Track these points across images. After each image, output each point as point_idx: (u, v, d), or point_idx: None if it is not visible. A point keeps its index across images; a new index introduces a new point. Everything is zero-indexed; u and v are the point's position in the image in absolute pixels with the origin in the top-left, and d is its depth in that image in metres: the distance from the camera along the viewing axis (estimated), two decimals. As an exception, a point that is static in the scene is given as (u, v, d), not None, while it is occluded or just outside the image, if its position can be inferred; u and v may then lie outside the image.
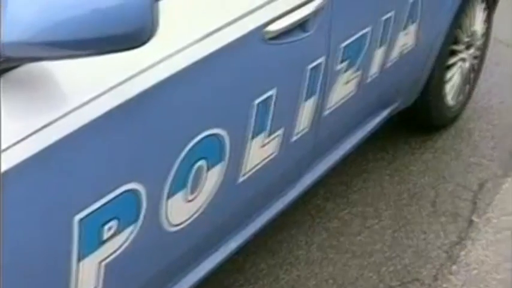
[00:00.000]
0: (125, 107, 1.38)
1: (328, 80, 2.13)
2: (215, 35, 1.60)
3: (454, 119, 3.34)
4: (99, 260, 1.45)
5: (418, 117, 3.15)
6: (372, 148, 3.07)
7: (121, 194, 1.44)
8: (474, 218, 2.79)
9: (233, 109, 1.73)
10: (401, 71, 2.68)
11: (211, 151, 1.69)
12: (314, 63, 2.01)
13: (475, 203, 2.88)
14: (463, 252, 2.61)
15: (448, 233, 2.70)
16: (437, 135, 3.27)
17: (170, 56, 1.49)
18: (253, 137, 1.83)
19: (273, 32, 1.78)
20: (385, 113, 2.78)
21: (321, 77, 2.07)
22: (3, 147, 1.19)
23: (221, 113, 1.69)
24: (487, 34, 3.37)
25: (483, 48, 3.38)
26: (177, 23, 1.54)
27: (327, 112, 2.20)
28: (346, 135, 2.54)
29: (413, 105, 2.99)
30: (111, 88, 1.36)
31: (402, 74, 2.71)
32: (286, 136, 2.00)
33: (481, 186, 2.97)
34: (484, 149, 3.23)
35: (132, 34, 1.18)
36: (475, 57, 3.31)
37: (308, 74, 1.99)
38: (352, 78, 2.28)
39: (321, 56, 2.03)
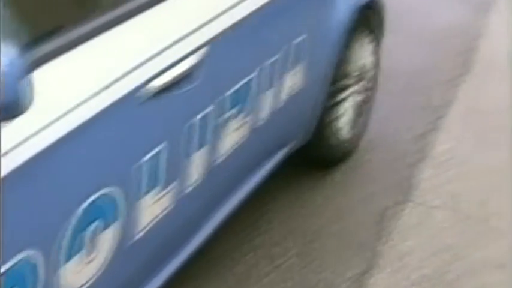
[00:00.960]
0: (13, 175, 1.43)
1: (218, 129, 2.22)
2: (96, 98, 1.67)
3: (352, 151, 3.50)
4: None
5: (316, 154, 3.29)
6: (275, 187, 3.18)
7: (17, 263, 1.47)
8: (379, 247, 2.92)
9: (123, 168, 1.80)
10: (293, 111, 2.81)
11: (105, 211, 1.75)
12: (201, 114, 2.10)
13: (378, 232, 3.03)
14: (371, 281, 2.74)
15: (355, 264, 2.83)
16: (337, 169, 3.42)
17: (53, 122, 1.55)
18: (146, 193, 1.91)
19: (156, 87, 1.86)
20: (282, 153, 2.90)
21: (210, 127, 2.16)
22: None
23: (111, 173, 1.76)
24: (376, 65, 3.56)
25: (374, 79, 3.57)
26: (56, 89, 1.60)
27: (220, 160, 2.30)
28: (244, 179, 2.63)
29: (309, 142, 3.12)
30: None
31: (294, 114, 2.84)
32: (180, 189, 2.08)
33: (383, 214, 3.12)
34: (382, 178, 3.40)
35: (6, 106, 1.23)
36: (367, 90, 3.49)
37: (196, 125, 2.08)
38: (243, 124, 2.39)
39: (208, 106, 2.13)
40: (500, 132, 3.88)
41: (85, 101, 1.63)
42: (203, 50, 2.05)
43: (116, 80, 1.73)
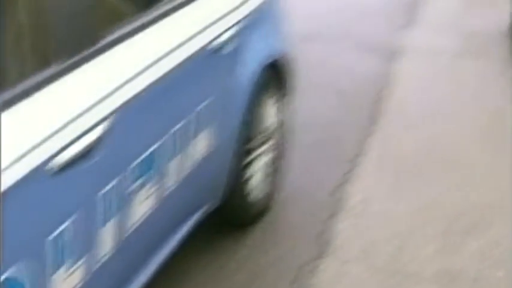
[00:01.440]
0: None
1: (127, 200, 2.30)
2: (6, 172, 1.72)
3: (264, 211, 3.61)
4: None
5: (231, 215, 3.38)
6: (188, 253, 3.23)
7: None
8: (297, 304, 3.02)
9: (29, 247, 1.84)
10: (203, 176, 2.90)
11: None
12: (106, 188, 2.17)
13: (295, 290, 3.12)
14: None
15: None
16: (254, 228, 3.51)
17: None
18: (54, 272, 1.95)
19: (58, 165, 1.92)
20: (195, 218, 2.98)
21: (118, 199, 2.23)
22: None
23: (17, 252, 1.80)
24: (284, 123, 3.70)
25: (283, 137, 3.71)
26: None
27: (131, 231, 2.36)
28: (158, 247, 2.69)
29: (223, 204, 3.21)
30: None
31: (204, 178, 2.94)
32: (90, 264, 2.13)
33: (298, 272, 3.21)
34: (299, 234, 3.51)
35: None
36: (276, 148, 3.62)
37: (101, 199, 2.15)
38: (150, 194, 2.46)
39: (112, 180, 2.20)
40: (413, 178, 4.07)
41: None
42: (106, 123, 2.12)
43: (25, 154, 1.79)
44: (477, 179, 4.09)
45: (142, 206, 2.42)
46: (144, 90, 2.34)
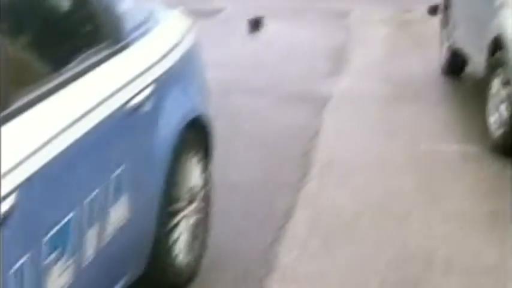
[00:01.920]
0: None
1: (38, 278, 2.22)
2: None
3: (193, 275, 3.55)
4: None
5: (158, 281, 3.30)
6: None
7: None
8: None
9: None
10: (122, 244, 2.84)
11: None
12: (16, 265, 2.10)
13: None
14: None
15: None
16: (180, 295, 3.45)
17: None
18: None
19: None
20: (119, 287, 2.90)
21: (28, 277, 2.15)
22: None
23: None
24: (208, 183, 3.67)
25: (207, 198, 3.67)
26: None
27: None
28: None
29: (148, 270, 3.14)
30: None
31: (124, 247, 2.87)
32: None
33: None
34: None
35: None
36: (201, 210, 3.58)
37: (12, 277, 2.07)
38: (66, 268, 2.39)
39: (22, 256, 2.13)
40: (346, 233, 4.07)
41: None
42: (15, 194, 2.07)
43: None
44: (412, 228, 4.12)
45: (58, 281, 2.35)
46: (56, 156, 2.30)
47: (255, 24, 10.62)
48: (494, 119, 5.31)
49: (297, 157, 5.05)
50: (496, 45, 5.32)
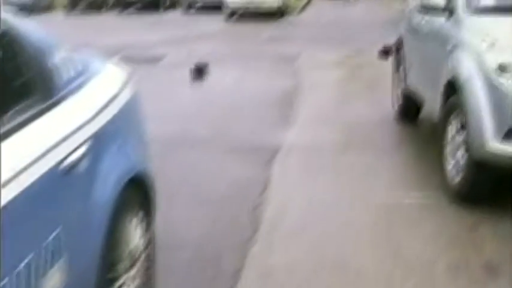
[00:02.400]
0: None
1: None
2: None
3: None
4: None
5: None
6: None
7: None
8: None
9: None
10: (59, 314, 2.79)
11: None
12: None
13: None
14: None
15: None
16: None
17: None
18: None
19: None
20: None
21: None
22: None
23: None
24: (150, 244, 3.65)
25: (150, 259, 3.64)
26: None
27: None
28: None
29: None
30: None
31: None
32: None
33: None
34: None
35: None
36: (143, 272, 3.55)
37: None
38: None
39: None
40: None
41: None
42: None
43: None
44: (371, 284, 4.14)
45: None
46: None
47: (199, 72, 10.73)
48: (452, 165, 5.40)
49: (246, 213, 5.06)
50: (451, 88, 5.43)
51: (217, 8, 25.15)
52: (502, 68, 4.92)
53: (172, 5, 29.07)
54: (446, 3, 5.96)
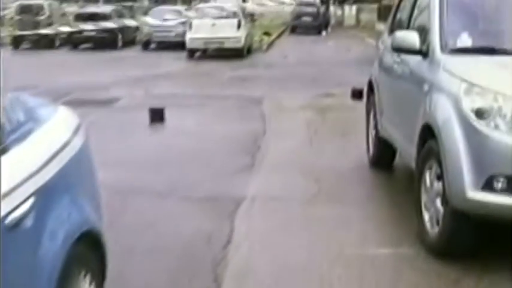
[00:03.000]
0: None
1: None
2: None
3: None
4: None
5: None
6: None
7: None
8: None
9: None
10: None
11: None
12: None
13: None
14: None
15: None
16: None
17: None
18: None
19: None
20: None
21: None
22: None
23: None
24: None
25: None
26: None
27: None
28: None
29: None
30: None
31: None
32: None
33: None
34: None
35: None
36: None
37: None
38: None
39: None
40: None
41: None
42: None
43: None
44: None
45: None
46: None
47: (157, 115, 10.73)
48: (429, 216, 5.43)
49: (207, 270, 5.03)
50: (427, 133, 5.46)
51: (178, 45, 25.21)
52: (480, 113, 4.97)
53: (131, 42, 29.13)
54: (422, 43, 6.02)
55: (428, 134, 5.44)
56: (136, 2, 42.24)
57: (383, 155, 7.58)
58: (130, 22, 28.56)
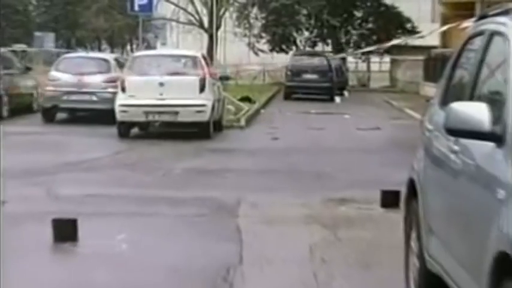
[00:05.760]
0: None
1: None
2: None
3: None
4: None
5: None
6: None
7: None
8: None
9: None
10: None
11: None
12: None
13: None
14: None
15: None
16: None
17: None
18: None
19: None
20: None
21: None
22: None
23: None
24: None
25: None
26: None
27: None
28: None
29: None
30: None
31: None
32: None
33: None
34: None
35: None
36: None
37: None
38: None
39: None
40: None
41: None
42: None
43: None
44: None
45: None
46: None
47: (65, 231, 10.24)
48: None
49: None
50: (504, 268, 5.20)
51: (104, 115, 23.71)
52: None
53: (26, 109, 27.50)
54: (494, 123, 5.69)
55: (507, 268, 5.16)
56: (32, 45, 40.48)
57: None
58: (24, 79, 27.72)
